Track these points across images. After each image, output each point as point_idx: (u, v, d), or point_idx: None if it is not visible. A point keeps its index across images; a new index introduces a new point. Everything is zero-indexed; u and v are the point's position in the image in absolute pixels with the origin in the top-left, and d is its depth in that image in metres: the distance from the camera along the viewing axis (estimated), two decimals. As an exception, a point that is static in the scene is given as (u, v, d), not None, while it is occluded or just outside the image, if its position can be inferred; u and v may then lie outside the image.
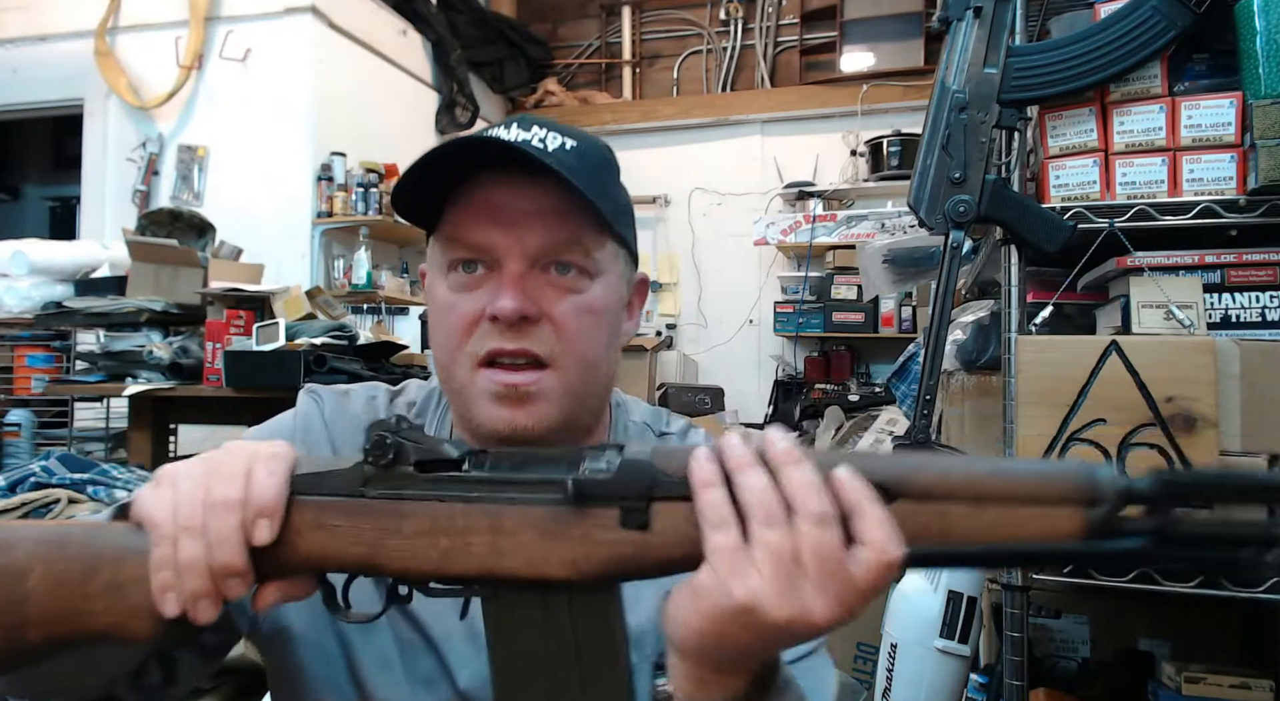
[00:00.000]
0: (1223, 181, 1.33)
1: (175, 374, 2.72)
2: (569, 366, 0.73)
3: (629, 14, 5.73)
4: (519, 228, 0.71)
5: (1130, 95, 1.38)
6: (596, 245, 0.74)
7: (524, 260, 0.71)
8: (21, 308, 3.03)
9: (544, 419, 0.72)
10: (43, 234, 4.94)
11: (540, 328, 0.72)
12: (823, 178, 5.07)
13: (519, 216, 0.71)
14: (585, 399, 0.76)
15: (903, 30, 5.02)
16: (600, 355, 0.75)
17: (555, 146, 0.72)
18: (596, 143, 0.78)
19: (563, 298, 0.72)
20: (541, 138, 0.72)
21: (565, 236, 0.72)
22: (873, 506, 0.49)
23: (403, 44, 4.75)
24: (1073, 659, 1.68)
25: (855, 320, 4.72)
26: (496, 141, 0.70)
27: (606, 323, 0.76)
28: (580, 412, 0.76)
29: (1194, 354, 1.25)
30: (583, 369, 0.74)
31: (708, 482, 0.51)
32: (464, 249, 0.73)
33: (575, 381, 0.73)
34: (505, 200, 0.72)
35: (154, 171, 4.28)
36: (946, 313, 1.42)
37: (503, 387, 0.71)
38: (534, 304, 0.71)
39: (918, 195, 1.42)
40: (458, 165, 0.72)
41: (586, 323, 0.73)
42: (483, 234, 0.72)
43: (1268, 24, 1.28)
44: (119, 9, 4.31)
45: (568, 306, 0.72)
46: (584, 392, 0.75)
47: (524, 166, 0.71)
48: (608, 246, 0.75)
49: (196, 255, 3.04)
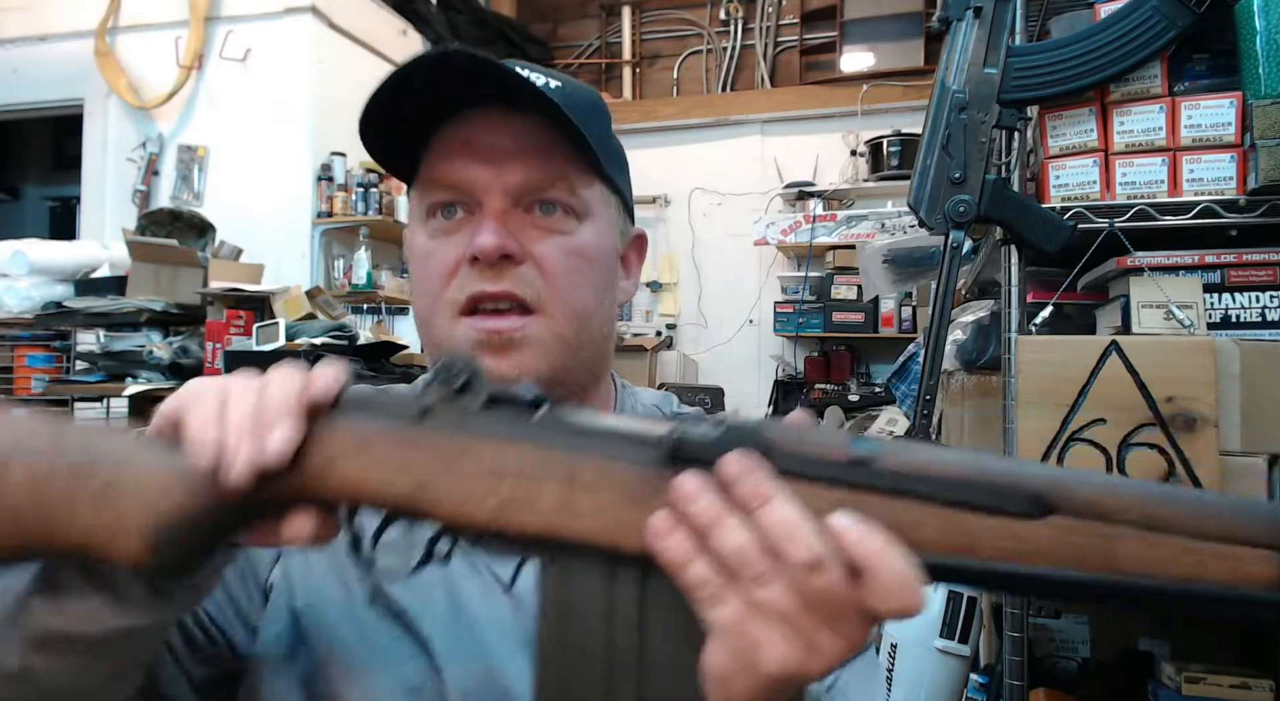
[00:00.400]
0: (1223, 181, 1.33)
1: (175, 374, 2.72)
2: (556, 312, 0.67)
3: (629, 14, 5.73)
4: (500, 164, 0.66)
5: (1130, 95, 1.38)
6: (583, 184, 0.69)
7: (505, 197, 0.67)
8: (21, 308, 3.03)
9: (531, 368, 0.66)
10: (43, 234, 4.94)
11: (524, 269, 0.66)
12: (823, 178, 5.07)
13: (499, 153, 0.67)
14: (578, 351, 0.69)
15: (903, 30, 5.02)
16: (590, 304, 0.69)
17: (540, 84, 0.66)
18: (583, 87, 0.73)
19: (547, 237, 0.67)
20: (525, 76, 0.67)
21: (549, 172, 0.67)
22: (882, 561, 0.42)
23: (403, 44, 4.75)
24: (1073, 659, 1.68)
25: (855, 320, 4.72)
26: (489, 63, 0.63)
27: (597, 269, 0.70)
28: (573, 367, 0.69)
29: (1194, 354, 1.25)
30: (572, 316, 0.68)
31: (679, 561, 0.44)
32: (441, 190, 0.68)
33: (565, 330, 0.67)
34: (484, 136, 0.67)
35: (154, 171, 4.28)
36: (946, 313, 1.42)
37: (484, 334, 0.66)
38: (516, 241, 0.66)
39: (918, 195, 1.42)
40: (436, 103, 0.67)
41: (574, 265, 0.68)
42: (460, 171, 0.67)
43: (1268, 24, 1.28)
44: (119, 9, 4.31)
45: (552, 246, 0.67)
46: (576, 344, 0.68)
47: (506, 103, 0.66)
48: (596, 187, 0.70)
49: (196, 255, 3.05)
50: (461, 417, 0.47)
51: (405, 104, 0.66)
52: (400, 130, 0.69)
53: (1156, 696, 1.44)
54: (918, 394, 1.44)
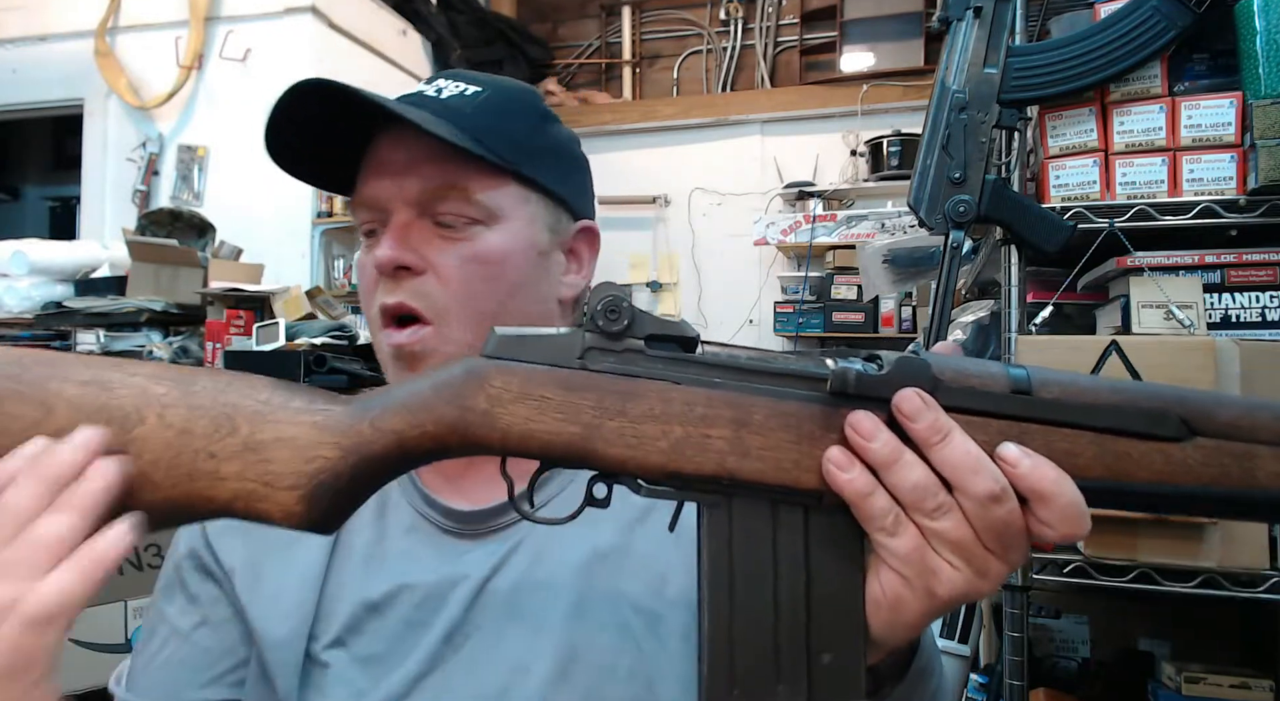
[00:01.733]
0: (1223, 181, 1.33)
1: (175, 374, 2.72)
2: (456, 320, 0.68)
3: (629, 14, 5.73)
4: (399, 177, 0.69)
5: (1130, 95, 1.38)
6: (485, 188, 0.69)
7: (408, 209, 0.69)
8: (21, 308, 3.03)
9: None
10: (43, 234, 4.94)
11: (424, 279, 0.68)
12: (823, 178, 5.07)
13: (397, 167, 0.69)
14: None
15: (903, 30, 5.02)
16: (497, 306, 0.69)
17: (452, 94, 0.70)
18: (510, 88, 0.75)
19: (449, 248, 0.69)
20: (439, 87, 0.71)
21: (443, 181, 0.68)
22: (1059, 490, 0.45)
23: (403, 44, 4.75)
24: (1073, 659, 1.68)
25: (855, 320, 4.72)
26: (345, 91, 0.66)
27: (506, 271, 0.70)
28: None
29: (1194, 354, 1.25)
30: (475, 322, 0.68)
31: (862, 492, 0.46)
32: (361, 209, 0.72)
33: (470, 336, 0.68)
34: (388, 153, 0.70)
35: (154, 171, 4.28)
36: (946, 313, 1.42)
37: (393, 349, 0.69)
38: (415, 253, 0.68)
39: (918, 195, 1.42)
40: (361, 126, 0.71)
41: (474, 272, 0.68)
42: (370, 189, 0.71)
43: (1268, 24, 1.28)
44: (119, 9, 4.31)
45: (453, 257, 0.68)
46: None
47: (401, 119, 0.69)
48: (507, 189, 0.70)
49: (196, 255, 3.05)
50: (625, 358, 0.47)
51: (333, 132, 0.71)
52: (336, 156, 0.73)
53: (1156, 696, 1.43)
54: (918, 394, 1.44)
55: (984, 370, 0.47)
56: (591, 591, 0.68)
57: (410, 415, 0.47)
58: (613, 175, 5.44)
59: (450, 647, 0.68)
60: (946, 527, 0.46)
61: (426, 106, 0.70)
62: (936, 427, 0.45)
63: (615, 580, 0.68)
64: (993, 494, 0.45)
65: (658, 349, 0.47)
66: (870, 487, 0.46)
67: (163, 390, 0.46)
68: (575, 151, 0.79)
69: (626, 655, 0.67)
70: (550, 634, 0.67)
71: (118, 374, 0.47)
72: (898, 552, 0.46)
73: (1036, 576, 1.33)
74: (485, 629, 0.68)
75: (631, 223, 5.33)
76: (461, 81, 0.72)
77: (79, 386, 0.46)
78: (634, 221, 5.34)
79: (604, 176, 4.20)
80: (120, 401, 0.46)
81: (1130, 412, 0.46)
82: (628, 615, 0.67)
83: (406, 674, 0.67)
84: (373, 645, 0.68)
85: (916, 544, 0.46)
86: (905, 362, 0.46)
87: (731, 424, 0.46)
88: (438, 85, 0.72)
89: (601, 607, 0.68)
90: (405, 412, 0.47)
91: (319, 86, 0.67)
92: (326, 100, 0.68)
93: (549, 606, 0.68)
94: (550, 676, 0.66)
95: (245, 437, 0.46)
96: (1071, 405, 0.46)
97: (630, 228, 5.40)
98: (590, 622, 0.68)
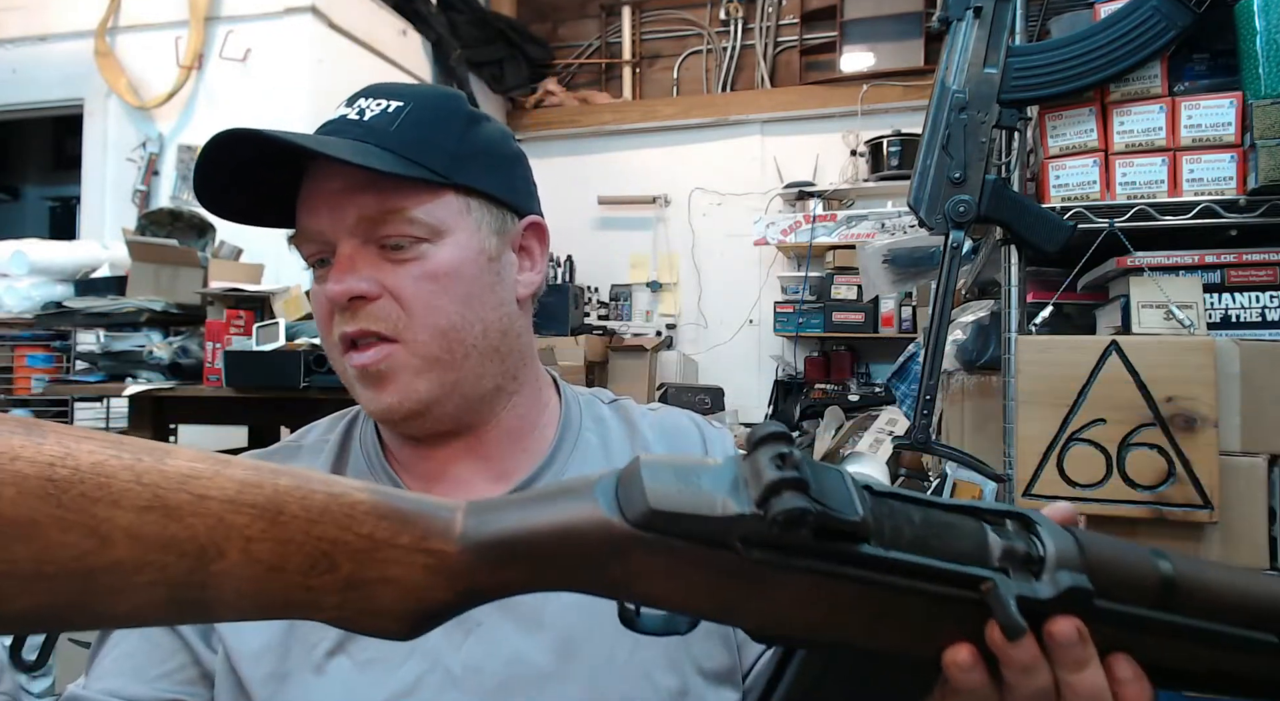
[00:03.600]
0: (1223, 181, 1.33)
1: (175, 374, 2.72)
2: (420, 338, 0.69)
3: (629, 14, 5.73)
4: (336, 209, 0.69)
5: (1130, 95, 1.38)
6: (424, 205, 0.69)
7: (350, 239, 0.69)
8: (21, 308, 3.03)
9: (409, 395, 0.70)
10: (43, 234, 4.95)
11: (381, 303, 0.69)
12: (823, 178, 5.07)
13: (332, 197, 0.69)
14: (458, 363, 0.71)
15: (903, 30, 5.02)
16: (457, 318, 0.70)
17: (375, 114, 0.70)
18: (434, 95, 0.74)
19: (398, 269, 0.69)
20: (361, 109, 0.71)
21: (380, 207, 0.68)
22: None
23: (403, 44, 4.75)
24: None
25: (855, 320, 4.72)
26: (259, 136, 0.66)
27: (459, 282, 0.71)
28: (457, 377, 0.71)
29: (1194, 354, 1.25)
30: (438, 335, 0.70)
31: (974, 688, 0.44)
32: (305, 242, 0.72)
33: (434, 349, 0.70)
34: (322, 183, 0.70)
35: (154, 171, 4.28)
36: (946, 313, 1.42)
37: (358, 369, 0.70)
38: (367, 282, 0.68)
39: (918, 195, 1.42)
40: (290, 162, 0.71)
41: (429, 289, 0.69)
42: (312, 222, 0.71)
43: (1268, 24, 1.28)
44: (119, 9, 4.31)
45: (404, 278, 0.69)
46: (451, 358, 0.70)
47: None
48: (445, 201, 0.70)
49: (196, 255, 3.05)
50: (784, 555, 0.42)
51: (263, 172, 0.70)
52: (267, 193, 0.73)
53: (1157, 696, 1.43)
54: (918, 394, 1.44)
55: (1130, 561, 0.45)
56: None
57: (532, 568, 0.42)
58: (613, 175, 5.45)
59: (450, 644, 0.68)
60: None
61: (349, 132, 0.69)
62: (1080, 662, 0.44)
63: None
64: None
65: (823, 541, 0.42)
66: (985, 685, 0.44)
67: (244, 521, 0.39)
68: (509, 148, 0.78)
69: (623, 647, 0.68)
70: (548, 626, 0.69)
71: (184, 495, 0.39)
72: None
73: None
74: (485, 624, 0.69)
75: (631, 223, 5.33)
76: (383, 97, 0.72)
77: (136, 513, 0.38)
78: (634, 221, 5.34)
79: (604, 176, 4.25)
80: (193, 532, 0.38)
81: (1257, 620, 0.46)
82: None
83: (408, 673, 0.67)
84: (372, 648, 0.68)
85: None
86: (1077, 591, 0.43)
87: (872, 614, 0.43)
88: (360, 106, 0.72)
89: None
90: (528, 564, 0.42)
91: (236, 136, 0.66)
92: (248, 144, 0.67)
93: (546, 598, 0.68)
94: (550, 668, 0.67)
95: (347, 576, 0.41)
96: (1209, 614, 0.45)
97: (630, 227, 5.40)
98: (587, 613, 0.68)
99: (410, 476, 0.76)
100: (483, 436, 0.76)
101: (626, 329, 5.21)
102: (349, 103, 0.73)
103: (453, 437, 0.75)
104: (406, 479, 0.76)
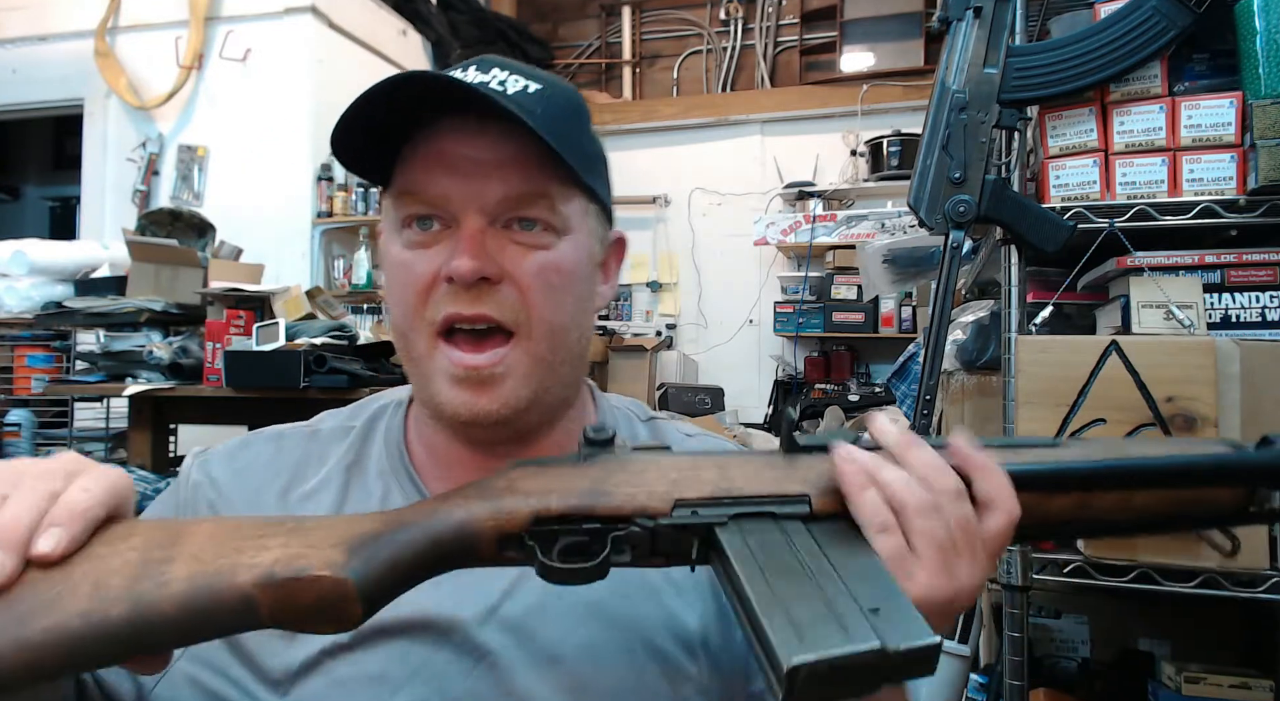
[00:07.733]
0: (1223, 181, 1.33)
1: (175, 374, 2.72)
2: (535, 334, 0.66)
3: (629, 14, 5.73)
4: (477, 180, 0.64)
5: (1130, 95, 1.38)
6: (563, 199, 0.66)
7: (483, 215, 0.64)
8: (21, 308, 3.04)
9: (510, 401, 0.66)
10: (43, 234, 4.95)
11: (501, 290, 0.65)
12: (823, 178, 5.07)
13: (477, 167, 0.64)
14: (556, 368, 0.68)
15: (903, 30, 5.02)
16: (569, 320, 0.68)
17: (516, 90, 0.65)
18: (563, 87, 0.70)
19: (526, 256, 0.65)
20: (501, 81, 0.65)
21: (528, 189, 0.65)
22: (994, 468, 0.54)
23: (403, 44, 4.75)
24: (1073, 659, 1.68)
25: (855, 320, 4.72)
26: (452, 83, 0.62)
27: (576, 284, 0.68)
28: (551, 384, 0.69)
29: (1194, 354, 1.24)
30: (551, 336, 0.66)
31: (863, 485, 0.53)
32: (418, 204, 0.66)
33: (544, 350, 0.66)
34: (462, 150, 0.64)
35: (154, 171, 4.28)
36: (946, 313, 1.42)
37: (463, 370, 0.65)
38: (494, 263, 0.64)
39: (918, 195, 1.41)
40: (410, 110, 0.64)
41: (552, 283, 0.66)
42: (438, 187, 0.65)
43: (1268, 24, 1.28)
44: (119, 9, 4.31)
45: (531, 265, 0.65)
46: (554, 361, 0.68)
47: (483, 112, 0.63)
48: (576, 201, 0.68)
49: (196, 255, 3.05)
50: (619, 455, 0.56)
51: (374, 113, 0.64)
52: (372, 138, 0.66)
53: (1156, 696, 1.44)
54: (918, 394, 1.44)
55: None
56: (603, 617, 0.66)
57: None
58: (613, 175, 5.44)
59: (456, 670, 0.65)
60: (930, 527, 0.52)
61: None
62: (901, 441, 0.54)
63: (628, 607, 0.67)
64: (954, 489, 0.53)
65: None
66: (865, 482, 0.52)
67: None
68: (607, 156, 0.75)
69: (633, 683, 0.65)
70: (560, 661, 0.65)
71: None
72: (885, 553, 0.51)
73: (1036, 576, 1.33)
74: (495, 654, 0.65)
75: (631, 223, 5.33)
76: (517, 74, 0.66)
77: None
78: (634, 221, 5.34)
79: (604, 176, 4.10)
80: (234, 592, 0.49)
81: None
82: (636, 644, 0.66)
83: (411, 697, 0.64)
84: (378, 663, 0.65)
85: (899, 544, 0.52)
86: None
87: (716, 466, 0.55)
88: (496, 76, 0.66)
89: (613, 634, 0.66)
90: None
91: (420, 78, 0.62)
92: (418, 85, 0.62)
93: (560, 633, 0.66)
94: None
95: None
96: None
97: (630, 227, 5.39)
98: (601, 650, 0.66)
99: (433, 478, 0.73)
100: (534, 448, 0.72)
101: (626, 329, 5.21)
102: (478, 68, 0.67)
103: (513, 445, 0.71)
104: (428, 481, 0.73)
